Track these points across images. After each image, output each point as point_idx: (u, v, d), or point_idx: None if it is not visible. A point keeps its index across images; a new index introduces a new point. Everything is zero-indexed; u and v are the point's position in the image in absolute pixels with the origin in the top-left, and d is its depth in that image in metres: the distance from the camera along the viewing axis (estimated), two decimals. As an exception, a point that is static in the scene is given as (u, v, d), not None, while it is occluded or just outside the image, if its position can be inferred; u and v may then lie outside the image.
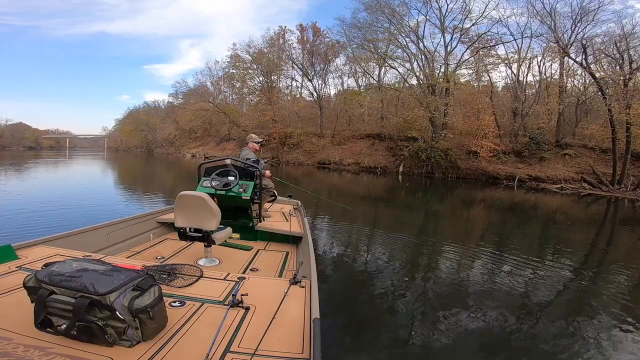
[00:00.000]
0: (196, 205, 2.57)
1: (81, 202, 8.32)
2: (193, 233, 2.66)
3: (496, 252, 5.30)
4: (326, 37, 30.88)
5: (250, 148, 4.34)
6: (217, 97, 40.79)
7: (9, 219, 6.02)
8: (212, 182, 3.60)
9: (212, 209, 2.58)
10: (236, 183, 3.56)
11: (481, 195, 13.52)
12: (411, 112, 22.14)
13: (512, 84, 21.47)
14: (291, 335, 1.47)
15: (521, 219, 9.28)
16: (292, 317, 1.62)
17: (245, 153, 4.26)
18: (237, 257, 3.17)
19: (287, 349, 1.37)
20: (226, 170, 3.73)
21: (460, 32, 21.21)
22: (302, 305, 1.75)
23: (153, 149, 52.13)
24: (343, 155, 24.91)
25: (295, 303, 1.76)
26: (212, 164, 3.91)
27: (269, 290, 1.89)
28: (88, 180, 15.19)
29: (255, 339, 1.40)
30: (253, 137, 4.48)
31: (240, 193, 3.53)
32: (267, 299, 1.78)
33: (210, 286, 1.92)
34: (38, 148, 69.22)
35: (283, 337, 1.45)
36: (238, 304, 1.67)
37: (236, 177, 3.62)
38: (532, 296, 3.69)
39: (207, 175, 3.76)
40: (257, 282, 2.05)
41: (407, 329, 2.91)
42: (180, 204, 2.63)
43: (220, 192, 3.54)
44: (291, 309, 1.69)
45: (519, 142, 19.38)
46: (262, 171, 3.80)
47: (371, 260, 4.77)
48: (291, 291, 1.87)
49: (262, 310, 1.65)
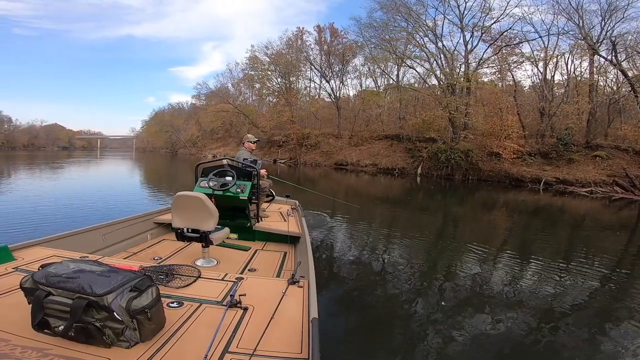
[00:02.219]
0: (194, 205, 2.57)
1: (109, 200, 8.72)
2: (190, 233, 2.66)
3: (519, 257, 5.10)
4: (344, 38, 30.79)
5: (246, 148, 4.34)
6: (237, 98, 41.59)
7: (40, 217, 6.40)
8: (210, 183, 3.59)
9: (209, 209, 2.57)
10: (234, 183, 3.55)
11: (504, 198, 13.01)
12: (429, 113, 21.61)
13: (539, 83, 20.56)
14: (289, 335, 1.47)
15: (547, 224, 8.84)
16: (291, 317, 1.62)
17: (241, 153, 4.25)
18: (235, 257, 3.16)
19: (286, 349, 1.37)
20: (223, 171, 3.71)
21: (481, 31, 20.54)
22: (301, 305, 1.75)
23: (177, 149, 53.80)
24: (360, 157, 24.72)
25: (293, 303, 1.76)
26: (210, 164, 3.91)
27: (267, 291, 1.89)
28: (120, 179, 15.93)
29: (254, 339, 1.40)
30: (249, 137, 4.47)
31: (237, 193, 3.51)
32: (265, 299, 1.77)
33: (208, 286, 1.92)
34: (71, 148, 73.14)
35: (281, 337, 1.45)
36: (236, 304, 1.67)
37: (233, 177, 3.61)
38: (555, 304, 3.52)
39: (204, 175, 3.75)
40: (255, 282, 2.05)
41: (412, 331, 2.86)
42: (177, 204, 2.62)
43: (217, 192, 3.53)
44: (289, 309, 1.69)
45: (545, 143, 18.50)
46: (259, 171, 3.78)
47: (382, 262, 4.71)
48: (289, 291, 1.86)
49: (261, 311, 1.65)
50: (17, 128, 65.83)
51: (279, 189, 5.22)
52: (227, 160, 3.88)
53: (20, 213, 6.60)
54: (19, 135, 63.88)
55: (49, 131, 75.16)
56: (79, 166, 22.96)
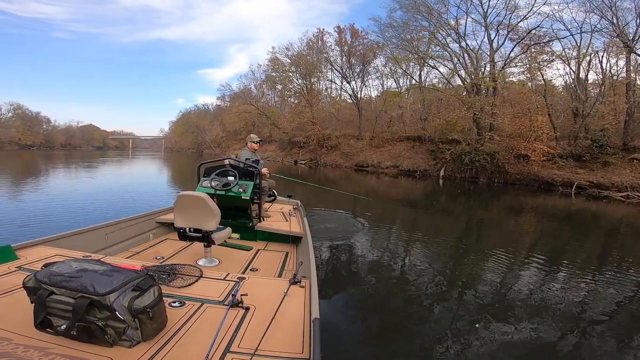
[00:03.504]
0: (196, 205, 2.57)
1: (138, 197, 9.16)
2: (193, 233, 2.66)
3: (546, 265, 4.88)
4: (364, 39, 30.63)
5: (249, 148, 4.35)
6: (259, 99, 42.30)
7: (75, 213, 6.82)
8: (212, 182, 3.59)
9: (211, 209, 2.58)
10: (236, 183, 3.55)
11: (532, 203, 12.47)
12: (452, 113, 21.03)
13: (572, 82, 19.53)
14: (291, 335, 1.47)
15: (579, 230, 8.41)
16: (292, 317, 1.62)
17: (243, 153, 4.28)
18: (237, 257, 3.16)
19: (287, 349, 1.37)
20: (226, 171, 3.71)
21: (507, 29, 19.77)
22: (302, 305, 1.74)
23: (202, 149, 55.46)
24: (381, 158, 24.49)
25: (295, 303, 1.76)
26: (212, 164, 3.91)
27: (269, 290, 1.89)
28: (149, 177, 16.70)
29: (255, 339, 1.40)
30: (252, 137, 4.48)
31: (239, 193, 3.52)
32: (267, 299, 1.77)
33: (210, 286, 1.92)
34: (105, 148, 77.12)
35: (283, 337, 1.45)
36: (238, 304, 1.67)
37: (236, 177, 3.61)
38: (584, 314, 3.37)
39: (206, 175, 3.75)
40: (256, 282, 2.05)
41: (414, 332, 2.85)
42: (179, 204, 2.62)
43: (219, 192, 3.53)
44: (291, 309, 1.69)
45: (579, 144, 17.53)
46: (261, 171, 3.78)
47: (389, 263, 4.67)
48: (291, 291, 1.86)
49: (262, 310, 1.65)
50: (56, 128, 69.62)
51: (283, 189, 5.22)
52: (229, 160, 3.88)
53: (43, 211, 7.06)
54: (57, 135, 67.59)
55: (85, 131, 79.58)
56: (111, 165, 24.19)
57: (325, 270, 4.13)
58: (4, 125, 54.55)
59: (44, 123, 65.55)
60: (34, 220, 5.85)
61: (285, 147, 35.00)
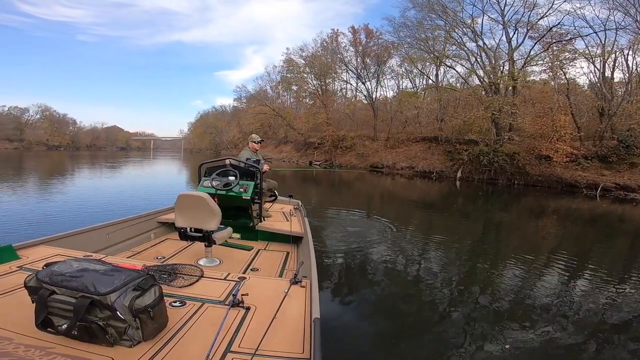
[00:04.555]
0: (196, 205, 2.58)
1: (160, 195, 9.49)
2: (193, 233, 2.67)
3: (569, 269, 4.73)
4: (379, 39, 30.38)
5: (250, 148, 4.35)
6: (275, 100, 42.68)
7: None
8: (213, 182, 3.59)
9: (212, 208, 2.58)
10: (236, 183, 3.55)
11: (554, 205, 12.06)
12: (470, 113, 20.59)
13: (597, 81, 18.77)
14: (292, 335, 1.48)
15: (603, 233, 8.10)
16: (293, 317, 1.62)
17: (244, 153, 4.28)
18: (238, 257, 3.16)
19: (288, 349, 1.38)
20: (226, 170, 3.71)
21: (526, 27, 19.20)
22: (303, 305, 1.75)
23: (220, 150, 56.48)
24: (397, 159, 24.26)
25: (295, 303, 1.76)
26: (213, 164, 3.91)
27: (270, 290, 1.89)
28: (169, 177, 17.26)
29: (256, 339, 1.40)
30: (252, 137, 4.47)
31: (240, 193, 3.51)
32: (268, 299, 1.77)
33: (211, 286, 1.92)
34: (128, 149, 79.62)
35: (283, 337, 1.46)
36: (238, 304, 1.67)
37: (236, 177, 3.61)
38: (607, 321, 3.25)
39: (207, 175, 3.74)
40: (257, 282, 2.05)
41: (415, 333, 2.84)
42: (180, 204, 2.62)
43: (220, 192, 3.53)
44: (292, 309, 1.69)
45: (604, 145, 16.83)
46: (262, 170, 3.77)
47: (404, 264, 4.63)
48: (292, 291, 1.86)
49: (263, 310, 1.65)
50: (81, 130, 72.19)
51: (282, 187, 5.21)
52: (229, 160, 3.88)
53: (65, 207, 7.40)
54: (82, 136, 70.12)
55: (109, 133, 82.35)
56: (134, 165, 25.05)
57: (326, 270, 4.11)
58: (33, 127, 57.20)
59: (70, 124, 68.05)
60: (52, 219, 6.13)
61: (300, 148, 35.20)
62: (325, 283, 3.67)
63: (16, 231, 5.07)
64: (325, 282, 3.70)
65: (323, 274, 3.79)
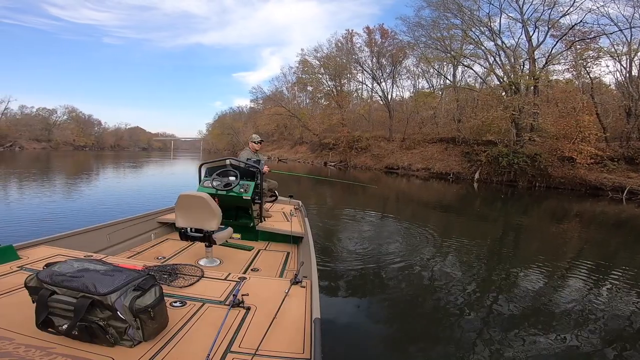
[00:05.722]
0: (197, 205, 2.58)
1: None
2: (194, 233, 2.67)
3: (591, 275, 4.57)
4: (394, 39, 30.12)
5: (250, 148, 4.37)
6: (291, 101, 42.99)
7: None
8: (213, 182, 3.60)
9: (212, 209, 2.58)
10: (237, 183, 3.55)
11: (578, 208, 11.64)
12: (487, 113, 20.05)
13: (624, 80, 17.97)
14: (292, 335, 1.48)
15: (629, 238, 7.79)
16: (293, 317, 1.62)
17: (244, 153, 4.32)
18: (238, 257, 3.17)
19: (288, 349, 1.38)
20: (227, 171, 3.72)
21: (547, 25, 18.59)
22: (303, 305, 1.75)
23: (237, 151, 57.29)
24: (412, 160, 24.02)
25: (296, 303, 1.76)
26: (213, 164, 3.91)
27: (270, 291, 1.89)
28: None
29: (256, 339, 1.41)
30: (253, 137, 4.48)
31: (241, 193, 3.52)
32: (268, 299, 1.78)
33: (211, 286, 1.93)
34: (149, 149, 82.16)
35: (284, 337, 1.46)
36: (239, 304, 1.67)
37: (237, 177, 3.61)
38: (633, 329, 3.15)
39: (208, 175, 3.75)
40: (257, 282, 2.06)
41: (416, 334, 2.83)
42: (181, 204, 2.63)
43: (221, 192, 3.53)
44: (292, 309, 1.69)
45: (631, 146, 16.10)
46: (262, 171, 3.80)
47: (409, 265, 4.56)
48: (292, 291, 1.86)
49: (263, 310, 1.66)
50: (106, 130, 74.99)
51: (282, 187, 5.22)
52: (230, 160, 3.89)
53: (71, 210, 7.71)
54: (107, 137, 72.86)
55: (132, 133, 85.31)
56: (156, 165, 25.84)
57: (327, 270, 4.09)
58: (60, 127, 59.55)
59: (95, 125, 70.76)
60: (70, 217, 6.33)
61: (315, 148, 35.33)
62: (325, 283, 3.68)
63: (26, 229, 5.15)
64: (325, 282, 3.70)
65: (324, 274, 3.79)
